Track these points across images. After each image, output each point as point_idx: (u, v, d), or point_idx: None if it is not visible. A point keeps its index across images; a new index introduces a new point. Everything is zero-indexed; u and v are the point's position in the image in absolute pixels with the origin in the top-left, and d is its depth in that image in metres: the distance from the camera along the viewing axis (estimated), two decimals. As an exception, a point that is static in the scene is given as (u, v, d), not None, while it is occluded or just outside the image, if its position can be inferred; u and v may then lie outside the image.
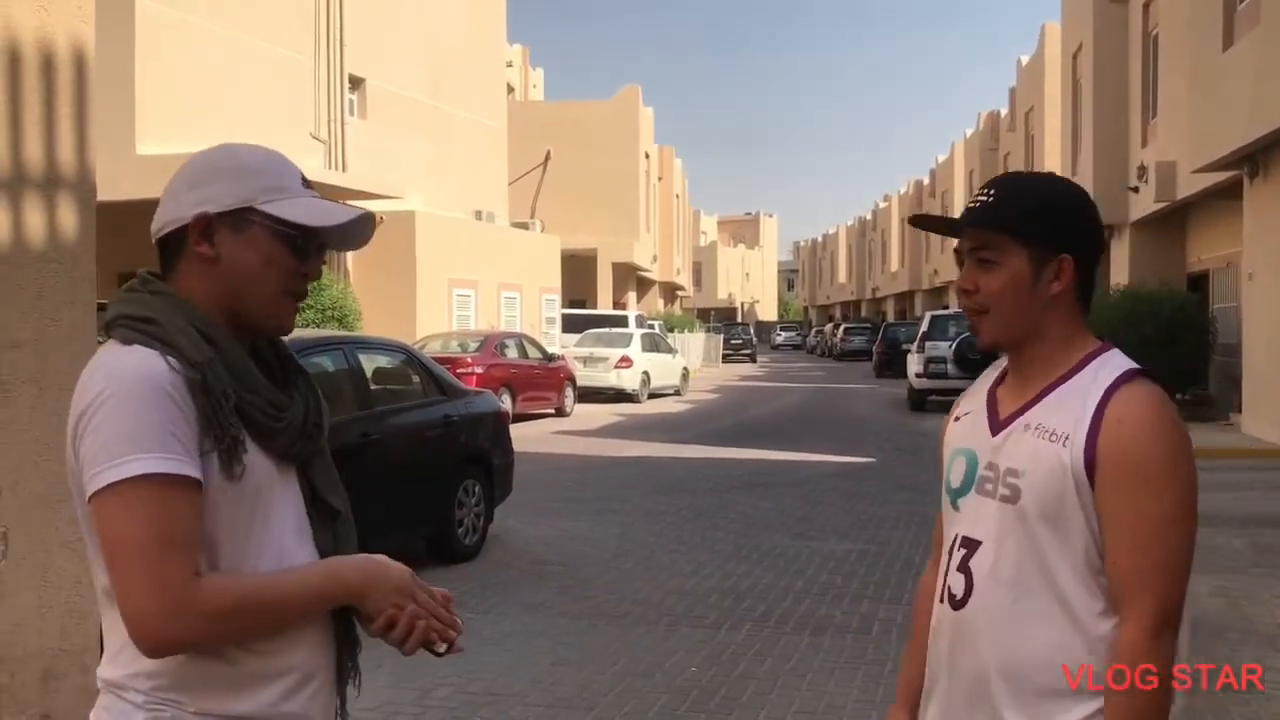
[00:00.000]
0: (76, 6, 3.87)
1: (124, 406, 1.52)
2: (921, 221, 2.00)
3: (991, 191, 1.83)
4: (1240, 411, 16.61)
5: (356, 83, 23.52)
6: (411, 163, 24.72)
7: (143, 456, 1.50)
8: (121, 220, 17.33)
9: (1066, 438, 1.73)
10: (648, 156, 44.22)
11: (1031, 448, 1.77)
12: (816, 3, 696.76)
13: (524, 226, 31.13)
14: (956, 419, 1.98)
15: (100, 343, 1.72)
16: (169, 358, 1.57)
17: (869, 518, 10.17)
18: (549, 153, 40.02)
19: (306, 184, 1.74)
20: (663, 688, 5.34)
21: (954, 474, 1.90)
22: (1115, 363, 1.79)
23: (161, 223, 1.68)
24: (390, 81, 24.52)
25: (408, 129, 25.06)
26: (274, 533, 1.66)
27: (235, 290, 1.67)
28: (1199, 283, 21.25)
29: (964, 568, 1.83)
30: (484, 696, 5.17)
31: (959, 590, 1.83)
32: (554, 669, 5.61)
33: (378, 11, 23.94)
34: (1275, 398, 14.98)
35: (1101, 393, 1.74)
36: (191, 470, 1.53)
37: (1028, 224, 1.78)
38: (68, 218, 3.83)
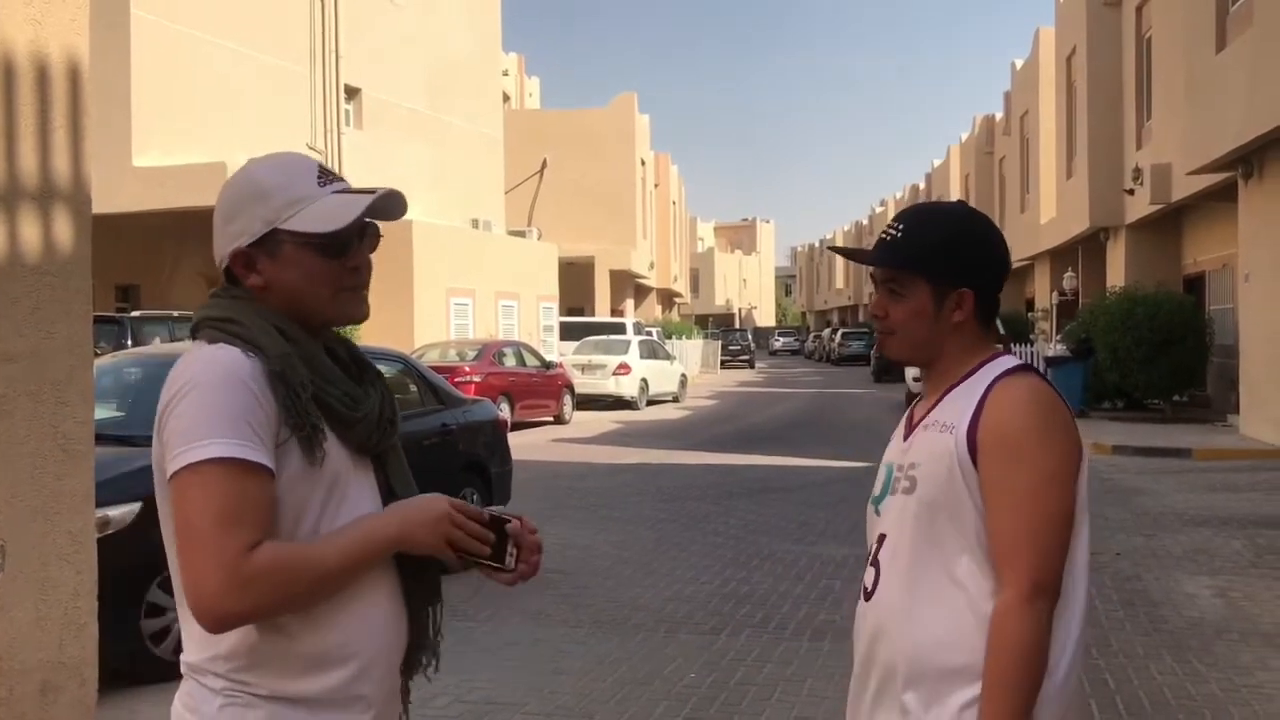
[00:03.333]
0: (70, 19, 3.88)
1: (204, 396, 1.61)
2: (840, 251, 2.26)
3: (900, 226, 1.96)
4: (1238, 412, 16.63)
5: (352, 93, 23.57)
6: (408, 172, 24.75)
7: (218, 440, 1.58)
8: (119, 232, 17.36)
9: (954, 427, 1.87)
10: (644, 164, 44.26)
11: (928, 442, 1.92)
12: (812, 10, 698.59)
13: (521, 235, 31.17)
14: (892, 439, 2.14)
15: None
16: (249, 353, 1.66)
17: (868, 522, 10.15)
18: (545, 161, 40.07)
19: (325, 175, 1.77)
20: (662, 694, 5.34)
21: (877, 483, 2.08)
22: (1003, 362, 1.94)
23: (218, 258, 1.78)
24: (386, 91, 24.57)
25: (404, 138, 25.10)
26: (349, 520, 1.72)
27: (293, 303, 1.75)
28: (1195, 285, 21.29)
29: (875, 561, 1.99)
30: (483, 705, 5.17)
31: (870, 582, 1.98)
32: (553, 677, 5.61)
33: (373, 22, 23.99)
34: (1272, 399, 15.00)
35: (985, 386, 1.88)
36: (263, 458, 1.61)
37: (930, 262, 1.91)
38: (63, 230, 3.84)
